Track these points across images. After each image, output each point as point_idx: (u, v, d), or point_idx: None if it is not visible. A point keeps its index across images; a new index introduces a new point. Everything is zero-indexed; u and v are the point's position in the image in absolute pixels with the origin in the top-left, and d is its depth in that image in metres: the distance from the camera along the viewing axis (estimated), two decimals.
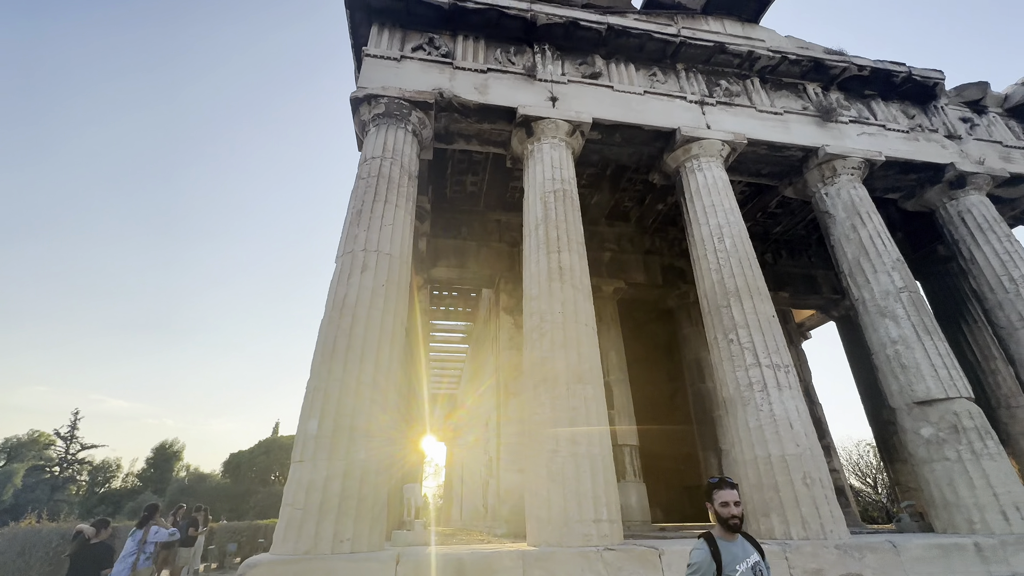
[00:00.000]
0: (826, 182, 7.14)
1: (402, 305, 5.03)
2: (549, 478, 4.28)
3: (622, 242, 10.93)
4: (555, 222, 5.61)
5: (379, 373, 4.41)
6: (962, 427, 5.24)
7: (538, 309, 5.13)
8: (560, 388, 4.62)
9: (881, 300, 6.13)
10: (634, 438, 9.30)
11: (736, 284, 5.67)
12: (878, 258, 6.33)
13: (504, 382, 9.08)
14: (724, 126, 6.99)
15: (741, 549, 2.21)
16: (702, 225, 6.26)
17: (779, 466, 4.67)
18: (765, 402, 4.98)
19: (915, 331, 5.81)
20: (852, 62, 7.79)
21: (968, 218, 7.25)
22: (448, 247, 10.15)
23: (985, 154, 7.73)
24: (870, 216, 6.66)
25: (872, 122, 7.70)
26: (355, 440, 4.04)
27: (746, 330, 5.39)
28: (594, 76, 7.03)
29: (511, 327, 9.45)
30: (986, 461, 5.07)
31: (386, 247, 5.06)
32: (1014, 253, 6.86)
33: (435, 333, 16.64)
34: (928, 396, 5.48)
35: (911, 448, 5.61)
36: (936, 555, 4.41)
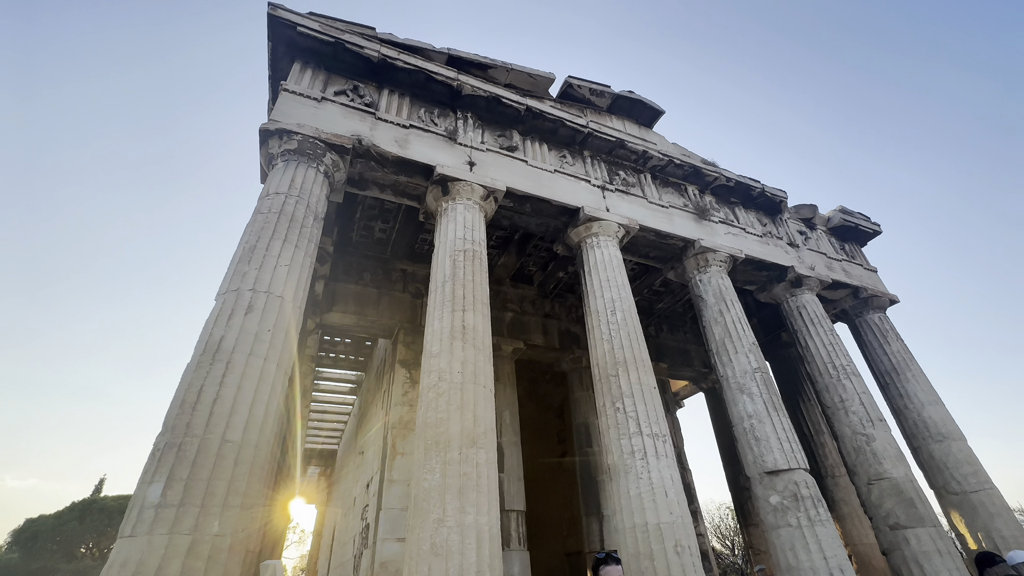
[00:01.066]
0: (700, 270, 8.21)
1: (288, 354, 4.61)
2: (432, 551, 4.02)
3: (524, 304, 11.31)
4: (463, 281, 5.67)
5: (250, 431, 3.92)
6: (801, 496, 6.00)
7: (437, 367, 5.03)
8: (453, 452, 4.47)
9: (740, 378, 7.00)
10: (522, 503, 9.17)
11: (625, 355, 6.11)
12: (739, 340, 7.29)
13: (392, 440, 8.55)
14: (620, 211, 7.81)
15: None
16: (597, 298, 6.75)
17: (655, 534, 4.90)
18: (645, 470, 5.28)
19: (766, 407, 6.68)
20: (722, 174, 9.30)
21: (803, 312, 8.74)
22: (347, 292, 9.68)
23: (815, 262, 9.52)
24: (733, 303, 7.73)
25: (736, 224, 9.14)
26: (209, 510, 3.47)
27: (631, 399, 5.78)
28: (511, 149, 7.52)
29: (406, 382, 9.08)
30: (819, 527, 5.82)
31: (279, 289, 4.68)
32: (836, 345, 8.34)
33: (320, 382, 15.37)
34: (776, 467, 6.24)
35: (762, 515, 6.25)
36: None
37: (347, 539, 11.61)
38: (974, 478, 7.80)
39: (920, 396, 8.62)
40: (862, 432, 7.47)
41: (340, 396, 16.48)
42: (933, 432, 8.29)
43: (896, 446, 7.44)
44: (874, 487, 7.15)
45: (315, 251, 5.46)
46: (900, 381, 8.85)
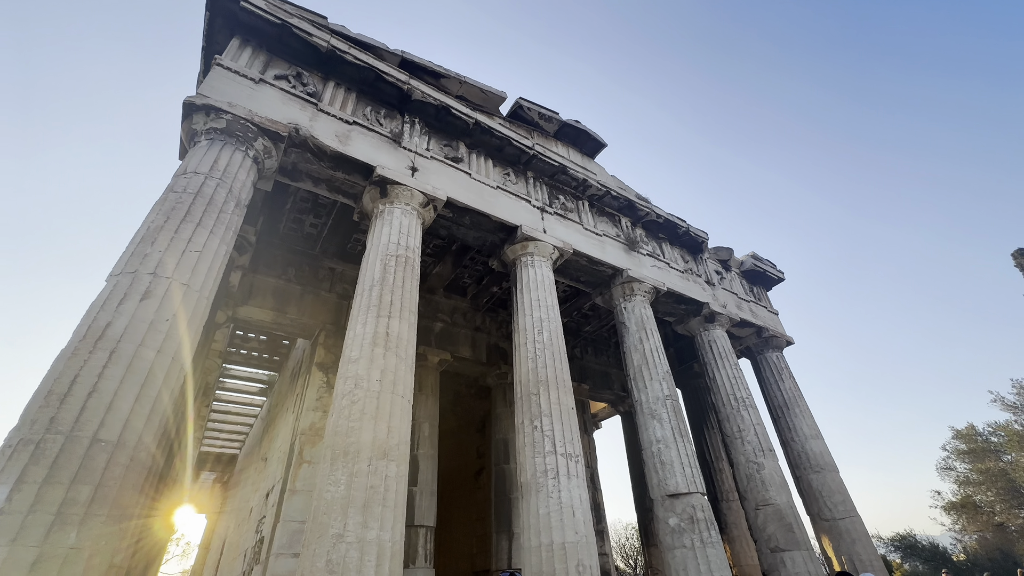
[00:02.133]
0: (625, 298, 8.62)
1: (187, 348, 4.22)
2: (327, 569, 3.80)
3: (455, 315, 11.22)
4: (391, 286, 5.53)
5: (130, 431, 3.52)
6: (696, 518, 6.39)
7: (354, 373, 4.83)
8: (361, 464, 4.29)
9: (653, 404, 7.38)
10: (432, 519, 8.95)
11: (547, 375, 6.24)
12: (654, 368, 7.71)
13: (300, 448, 8.05)
14: (557, 234, 8.04)
15: None
16: (527, 316, 6.86)
17: (559, 554, 4.98)
18: (556, 489, 5.37)
19: (673, 434, 7.08)
20: (653, 210, 9.89)
21: (714, 346, 9.43)
22: (267, 286, 9.09)
23: (727, 301, 10.35)
24: (653, 332, 8.17)
25: (661, 259, 9.73)
26: (66, 519, 3.04)
27: (549, 419, 5.88)
28: (456, 160, 7.52)
29: (322, 386, 8.63)
30: (710, 549, 6.20)
31: (185, 276, 4.30)
32: (739, 379, 9.06)
33: (227, 380, 14.21)
34: (677, 490, 6.60)
35: (661, 535, 6.57)
36: None
37: (238, 553, 10.68)
38: (843, 506, 8.73)
39: (804, 430, 9.56)
40: (754, 460, 8.12)
41: (248, 397, 15.30)
42: (813, 463, 9.20)
43: (781, 475, 8.17)
44: (760, 512, 7.77)
45: (233, 239, 5.09)
46: (789, 415, 9.77)
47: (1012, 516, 11.74)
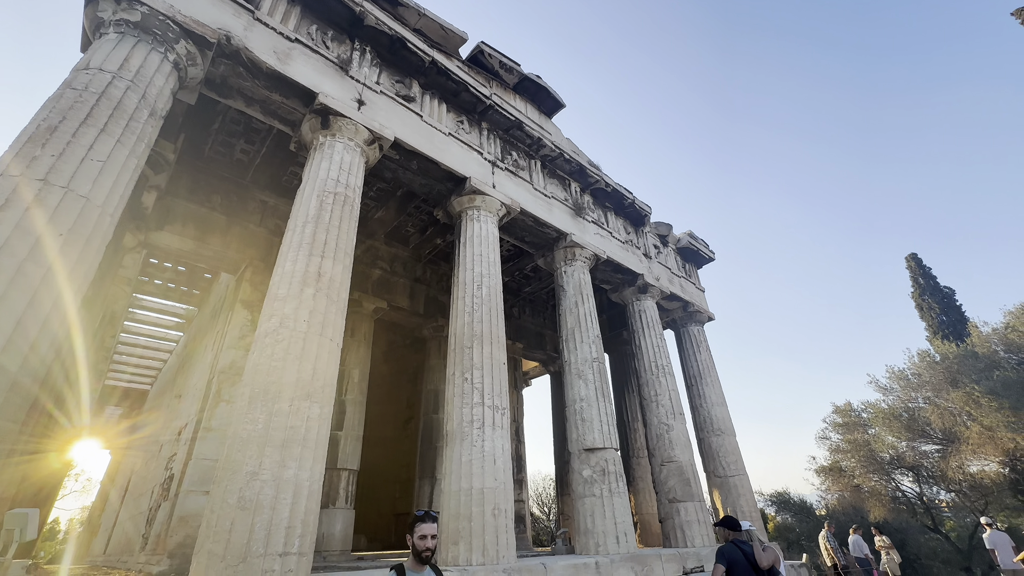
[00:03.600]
0: (567, 263, 8.78)
1: (87, 270, 3.80)
2: (239, 505, 3.72)
3: (395, 264, 10.94)
4: (327, 225, 5.24)
5: (10, 355, 3.16)
6: (608, 471, 6.90)
7: (280, 312, 4.61)
8: (282, 404, 4.17)
9: (580, 365, 7.72)
10: (356, 462, 9.02)
11: (483, 330, 6.30)
12: (586, 332, 8.02)
13: (218, 386, 7.69)
14: (506, 190, 7.93)
15: None
16: (467, 270, 6.82)
17: (476, 498, 5.21)
18: (480, 439, 5.55)
19: (596, 394, 7.48)
20: (603, 178, 10.00)
21: (643, 316, 9.94)
22: (188, 212, 8.33)
23: (660, 275, 10.85)
24: (589, 298, 8.44)
25: (605, 227, 9.95)
26: None
27: (480, 372, 6.00)
28: (407, 99, 7.10)
29: (246, 324, 8.20)
30: (616, 498, 6.76)
31: (84, 187, 3.80)
32: (661, 348, 9.67)
33: (139, 311, 13.12)
34: (594, 445, 7.06)
35: (574, 485, 7.05)
36: (571, 573, 5.55)
37: (144, 490, 10.22)
38: (734, 466, 9.78)
39: (712, 398, 10.48)
40: (665, 422, 8.83)
41: (162, 331, 14.26)
42: (715, 427, 10.16)
43: (687, 436, 8.97)
44: (664, 467, 8.54)
45: (146, 153, 4.55)
46: (701, 384, 10.64)
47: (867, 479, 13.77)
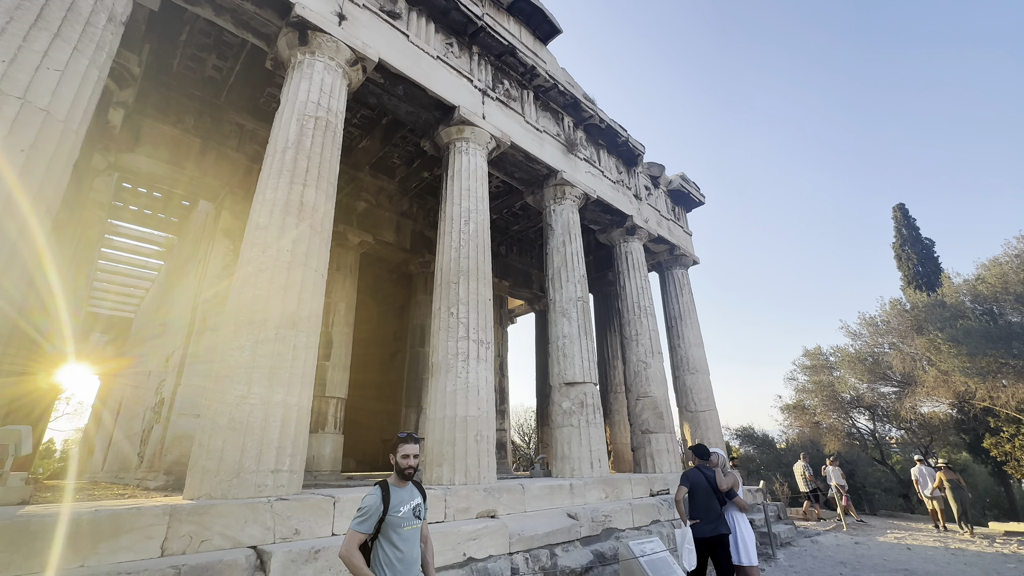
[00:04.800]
0: (556, 201, 8.66)
1: (55, 190, 3.63)
2: (230, 426, 3.86)
3: (380, 197, 10.67)
4: (308, 152, 5.02)
5: None
6: (586, 403, 7.24)
7: (263, 240, 4.52)
8: (268, 331, 4.20)
9: (565, 303, 7.85)
10: (344, 391, 9.30)
11: (469, 265, 6.30)
12: (572, 271, 8.08)
13: (203, 315, 7.70)
14: (496, 122, 7.62)
15: (408, 494, 2.56)
16: (455, 205, 6.69)
17: (460, 425, 5.47)
18: (464, 371, 5.73)
19: (579, 331, 7.68)
20: (597, 113, 9.63)
21: (629, 258, 10.01)
22: (159, 134, 7.89)
23: (649, 217, 10.80)
24: (576, 237, 8.42)
25: (596, 166, 9.72)
26: None
27: (466, 307, 6.07)
28: (393, 15, 6.58)
29: (227, 254, 8.07)
30: (592, 428, 7.16)
31: (43, 100, 3.54)
32: (645, 290, 9.83)
33: (116, 237, 12.77)
34: (574, 379, 7.35)
35: (554, 416, 7.42)
36: (547, 493, 5.98)
37: (136, 413, 10.48)
38: (705, 402, 10.34)
39: (690, 338, 10.85)
40: (644, 360, 9.18)
41: (141, 259, 13.98)
42: (691, 366, 10.61)
43: (663, 373, 9.37)
44: (640, 401, 8.99)
45: (108, 64, 4.21)
46: (681, 325, 10.96)
47: (826, 417, 14.75)
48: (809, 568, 6.61)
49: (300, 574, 3.42)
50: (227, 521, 3.49)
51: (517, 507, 5.55)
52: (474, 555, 4.51)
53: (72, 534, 2.94)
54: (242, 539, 3.52)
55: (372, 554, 2.44)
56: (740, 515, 4.44)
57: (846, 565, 6.75)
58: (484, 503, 5.18)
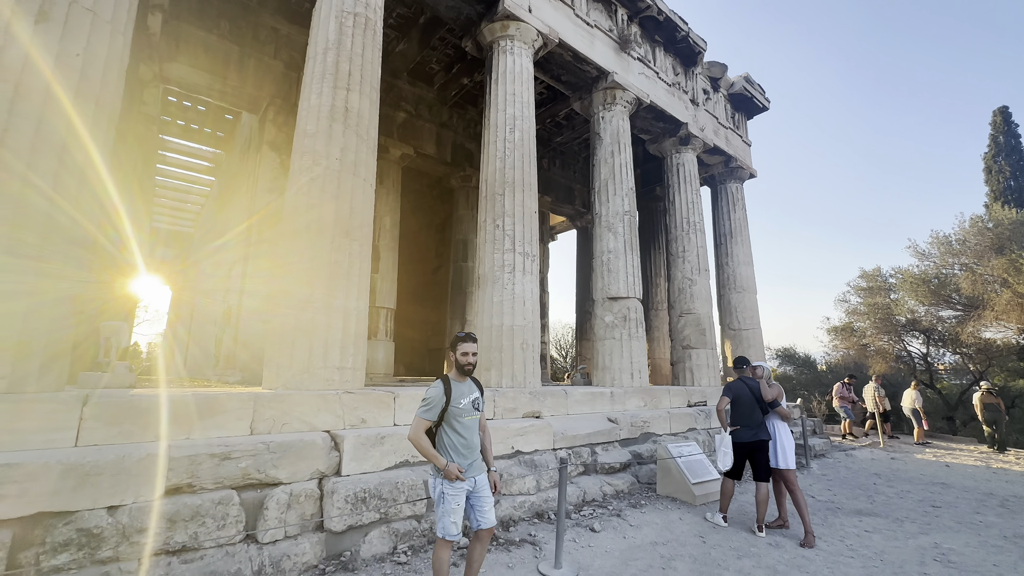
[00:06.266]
0: (605, 107, 8.08)
1: (111, 93, 3.67)
2: (297, 328, 4.15)
3: (420, 107, 10.30)
4: (349, 53, 4.80)
5: (64, 177, 3.25)
6: (629, 318, 7.29)
7: (312, 149, 4.51)
8: (324, 240, 4.34)
9: (611, 218, 7.63)
10: (392, 302, 9.74)
11: (514, 176, 6.12)
12: (620, 184, 7.73)
13: (259, 227, 8.02)
14: (543, 16, 6.95)
15: (468, 388, 2.75)
16: (499, 111, 6.36)
17: (507, 333, 5.66)
18: (511, 282, 5.81)
19: (624, 246, 7.53)
20: (655, 3, 8.58)
21: (681, 170, 9.44)
22: (197, 41, 7.72)
23: (706, 124, 9.97)
24: (626, 147, 7.95)
25: (651, 67, 8.87)
26: (18, 259, 2.99)
27: (512, 219, 6.00)
28: None
29: (275, 167, 8.18)
30: (634, 341, 7.27)
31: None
32: (695, 205, 9.37)
33: (168, 153, 13.11)
34: (618, 294, 7.35)
35: (596, 329, 7.55)
36: (588, 399, 6.27)
37: (207, 320, 11.45)
38: (750, 320, 10.20)
39: (739, 256, 10.47)
40: (689, 277, 9.00)
41: (194, 175, 14.41)
42: (738, 285, 10.35)
43: (709, 291, 9.21)
44: (682, 318, 8.97)
45: None
46: (731, 243, 10.54)
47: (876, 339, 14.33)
48: (843, 477, 6.82)
49: (368, 455, 3.82)
50: (303, 409, 3.88)
51: (560, 410, 5.88)
52: (521, 448, 4.89)
53: (176, 412, 3.36)
54: (317, 424, 3.93)
55: (437, 439, 2.67)
56: (781, 423, 4.53)
57: (880, 476, 6.91)
58: (530, 404, 5.51)
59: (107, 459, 2.83)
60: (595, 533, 3.98)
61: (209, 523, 3.00)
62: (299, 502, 3.35)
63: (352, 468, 3.70)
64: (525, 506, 4.34)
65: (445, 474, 2.53)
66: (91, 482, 2.75)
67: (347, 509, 3.38)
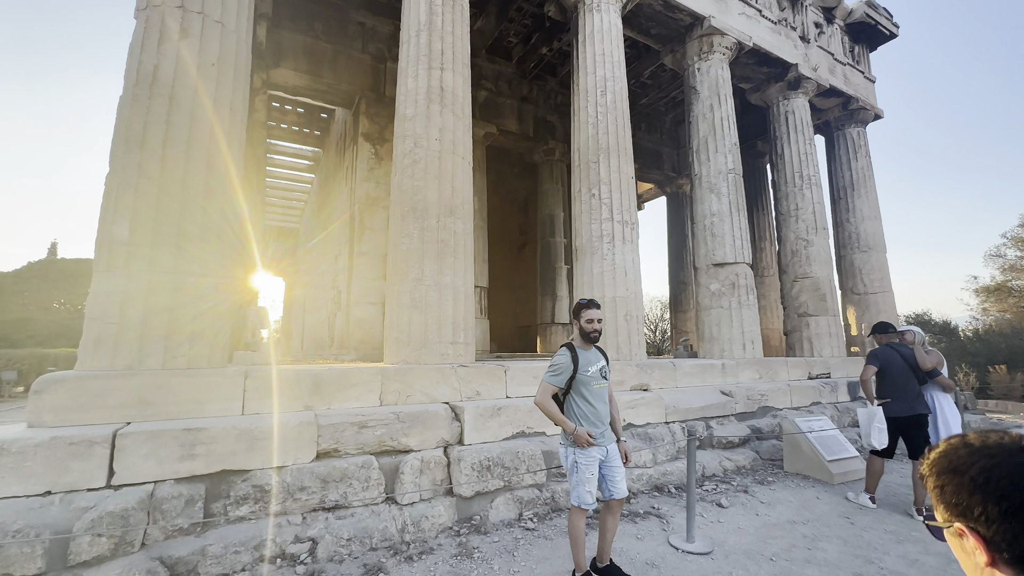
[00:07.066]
0: (701, 57, 7.41)
1: (241, 99, 4.01)
2: (412, 305, 4.34)
3: (499, 83, 10.21)
4: (440, 32, 4.82)
5: (213, 177, 3.63)
6: (738, 284, 6.77)
7: (412, 132, 4.63)
8: (430, 220, 4.46)
9: (714, 177, 7.05)
10: (485, 280, 9.94)
11: (608, 142, 5.85)
12: (722, 140, 7.11)
13: (360, 216, 8.51)
14: None
15: (594, 356, 2.68)
16: (589, 74, 6.08)
17: (610, 305, 5.50)
18: (611, 252, 5.61)
19: (729, 207, 6.95)
20: None
21: (790, 118, 8.45)
22: (296, 45, 8.23)
23: (820, 63, 8.79)
24: (727, 99, 7.26)
25: (752, 4, 7.94)
26: (185, 251, 3.41)
27: (608, 187, 5.76)
28: None
29: (370, 157, 8.58)
30: (744, 310, 6.74)
31: (216, 11, 3.79)
32: (809, 156, 8.37)
33: (272, 156, 14.36)
34: (724, 259, 6.83)
35: (700, 298, 7.11)
36: (698, 371, 5.95)
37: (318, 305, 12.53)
38: (879, 283, 9.02)
39: (863, 211, 9.24)
40: (804, 238, 8.12)
41: (297, 173, 15.69)
42: (862, 243, 9.18)
43: (828, 252, 8.25)
44: (797, 283, 8.15)
45: None
46: (852, 196, 9.32)
47: None
48: None
49: (487, 425, 3.93)
50: (423, 382, 4.07)
51: (668, 383, 5.65)
52: (633, 421, 4.77)
53: (315, 384, 3.68)
54: (436, 396, 4.12)
55: (565, 409, 2.63)
56: (943, 395, 3.95)
57: None
58: (637, 377, 5.34)
59: (269, 425, 3.17)
60: (723, 508, 3.78)
61: (356, 484, 3.27)
62: (429, 468, 3.54)
63: (473, 438, 3.83)
64: (643, 479, 4.24)
65: (575, 438, 2.48)
66: (259, 445, 3.11)
67: (474, 476, 3.52)
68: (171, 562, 2.58)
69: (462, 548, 3.02)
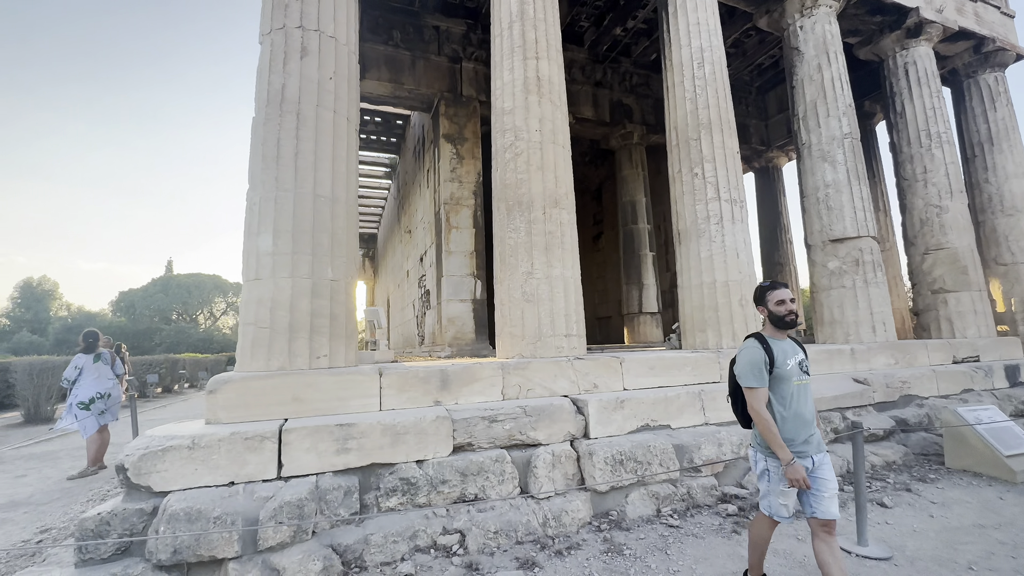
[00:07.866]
0: (804, 13, 6.74)
1: (355, 109, 4.19)
2: (524, 298, 4.32)
3: (573, 69, 9.97)
4: (533, 21, 4.73)
5: (338, 187, 3.81)
6: (862, 261, 6.10)
7: (512, 125, 4.59)
8: (536, 212, 4.41)
9: (826, 145, 6.40)
10: None
11: (710, 116, 5.48)
12: (834, 102, 6.43)
13: (446, 216, 8.70)
14: None
15: (790, 347, 2.20)
16: (683, 47, 5.72)
17: (722, 290, 5.16)
18: (719, 234, 5.26)
19: (848, 176, 6.27)
20: None
21: (912, 70, 7.47)
22: (378, 55, 8.54)
23: (945, 3, 7.68)
24: (837, 56, 6.55)
25: None
26: (319, 258, 3.61)
27: (712, 164, 5.40)
28: None
29: (453, 158, 8.73)
30: (872, 288, 6.07)
31: (329, 27, 3.96)
32: (937, 111, 7.36)
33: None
34: (844, 235, 6.19)
35: (816, 279, 6.50)
36: (824, 357, 5.44)
37: (405, 304, 13.06)
38: None
39: (1007, 168, 7.99)
40: (936, 204, 7.17)
41: (375, 180, 16.43)
42: (1006, 206, 7.95)
43: (967, 218, 7.22)
44: (929, 256, 7.22)
45: None
46: (991, 152, 8.09)
47: None
48: None
49: (611, 419, 3.82)
50: (542, 376, 4.04)
51: None
52: None
53: (443, 380, 3.76)
54: (556, 390, 4.07)
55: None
56: None
57: None
58: None
59: (409, 420, 3.27)
60: (887, 509, 3.40)
61: (492, 478, 3.30)
62: (560, 462, 3.50)
63: (598, 431, 3.74)
64: None
65: (787, 472, 2.00)
66: (402, 440, 3.22)
67: (607, 470, 3.42)
68: (340, 549, 2.73)
69: (609, 544, 2.94)
